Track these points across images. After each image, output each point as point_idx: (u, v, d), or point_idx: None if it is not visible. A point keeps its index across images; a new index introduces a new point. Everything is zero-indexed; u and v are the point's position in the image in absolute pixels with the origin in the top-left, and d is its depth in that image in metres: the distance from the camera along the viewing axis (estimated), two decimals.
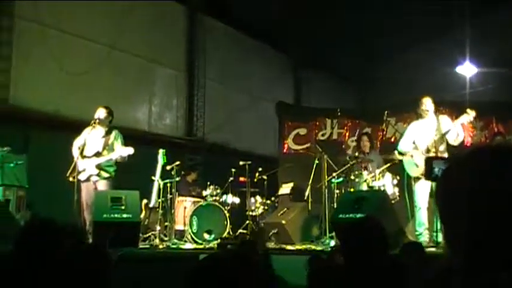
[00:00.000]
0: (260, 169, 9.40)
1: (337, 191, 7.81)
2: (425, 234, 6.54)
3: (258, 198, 9.07)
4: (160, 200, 7.83)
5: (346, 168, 7.77)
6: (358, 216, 5.92)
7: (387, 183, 7.45)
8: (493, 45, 12.65)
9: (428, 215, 6.53)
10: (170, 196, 8.04)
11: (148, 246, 7.05)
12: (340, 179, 7.89)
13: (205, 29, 13.32)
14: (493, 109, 9.88)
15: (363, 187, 7.57)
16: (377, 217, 3.22)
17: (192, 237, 7.84)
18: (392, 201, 7.12)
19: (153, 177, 7.81)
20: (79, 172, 6.89)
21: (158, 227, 7.39)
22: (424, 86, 10.57)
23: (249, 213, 8.81)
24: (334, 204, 7.64)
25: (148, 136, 11.73)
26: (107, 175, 7.08)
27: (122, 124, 8.65)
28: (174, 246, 7.23)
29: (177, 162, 8.16)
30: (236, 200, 8.91)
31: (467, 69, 13.34)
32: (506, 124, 9.60)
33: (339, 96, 16.32)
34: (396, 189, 7.47)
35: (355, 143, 9.06)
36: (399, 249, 4.16)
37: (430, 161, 6.20)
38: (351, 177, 7.76)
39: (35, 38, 9.84)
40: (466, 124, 7.07)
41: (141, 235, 7.07)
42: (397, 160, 7.20)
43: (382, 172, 7.54)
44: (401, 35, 13.06)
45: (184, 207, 8.36)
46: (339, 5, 12.40)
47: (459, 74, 13.49)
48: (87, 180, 7.02)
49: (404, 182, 7.07)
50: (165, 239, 7.55)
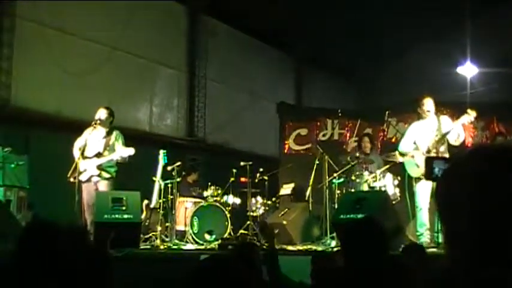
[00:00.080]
0: (261, 169, 9.39)
1: (338, 192, 7.81)
2: (426, 234, 6.53)
3: (258, 198, 9.06)
4: (161, 201, 7.82)
5: (347, 168, 7.77)
6: (359, 216, 5.90)
7: (388, 184, 7.45)
8: (494, 46, 12.64)
9: (430, 216, 6.52)
10: (171, 197, 8.03)
11: (149, 247, 7.04)
12: (341, 180, 7.89)
13: (207, 29, 13.32)
14: (494, 109, 9.88)
15: (364, 188, 7.58)
16: (378, 218, 3.22)
17: (193, 238, 7.83)
18: (393, 202, 7.12)
19: (154, 178, 7.81)
20: (80, 173, 6.87)
21: (159, 228, 7.37)
22: (425, 86, 10.55)
23: (250, 213, 8.79)
24: (335, 204, 7.64)
25: (149, 136, 11.74)
26: (107, 176, 7.07)
27: (123, 124, 8.66)
28: (175, 247, 7.22)
29: (178, 163, 8.16)
30: (237, 201, 8.90)
31: (468, 70, 13.33)
32: (507, 124, 9.59)
33: (340, 96, 16.30)
34: (397, 190, 7.47)
35: (356, 144, 9.06)
36: (400, 249, 4.16)
37: (430, 161, 6.20)
38: (352, 177, 7.77)
39: (36, 39, 9.84)
40: (466, 124, 7.04)
41: (142, 236, 7.07)
42: (397, 161, 7.19)
43: (383, 173, 7.54)
44: (402, 36, 13.06)
45: (185, 208, 8.35)
46: (339, 5, 12.40)
47: (460, 74, 13.48)
48: (88, 180, 7.01)
49: (405, 183, 7.05)
50: (166, 239, 7.54)
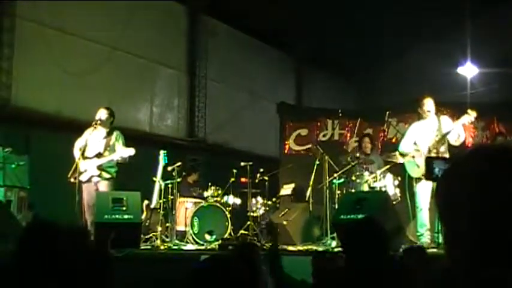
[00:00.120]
0: (261, 170, 9.38)
1: (338, 192, 7.80)
2: (427, 235, 6.53)
3: (259, 199, 9.05)
4: (161, 201, 7.82)
5: (347, 169, 7.77)
6: (359, 217, 5.89)
7: (388, 184, 7.45)
8: (494, 46, 12.64)
9: (430, 216, 6.52)
10: (171, 197, 8.03)
11: (149, 247, 7.04)
12: (341, 180, 7.89)
13: (207, 29, 13.32)
14: (494, 109, 9.88)
15: (364, 188, 7.58)
16: (378, 218, 3.22)
17: (193, 238, 7.83)
18: (394, 202, 7.11)
19: (154, 178, 7.81)
20: (80, 173, 6.87)
21: (159, 228, 7.37)
22: (425, 87, 10.55)
23: (250, 214, 8.79)
24: (336, 205, 7.64)
25: (149, 137, 11.74)
26: (108, 176, 7.07)
27: (123, 125, 8.65)
28: (176, 247, 7.22)
29: (178, 163, 8.16)
30: (237, 201, 8.90)
31: (468, 70, 13.32)
32: (508, 124, 9.59)
33: (340, 96, 16.30)
34: (397, 190, 7.47)
35: (357, 144, 9.05)
36: (400, 250, 4.16)
37: (430, 161, 6.20)
38: (352, 178, 7.77)
39: (36, 39, 9.84)
40: (467, 124, 7.05)
41: (142, 236, 7.06)
42: (398, 161, 7.19)
43: (383, 173, 7.54)
44: (402, 36, 13.05)
45: (186, 208, 8.35)
46: (339, 5, 12.40)
47: (460, 75, 13.48)
48: (89, 181, 7.01)
49: (406, 183, 7.04)
50: (167, 240, 7.54)
